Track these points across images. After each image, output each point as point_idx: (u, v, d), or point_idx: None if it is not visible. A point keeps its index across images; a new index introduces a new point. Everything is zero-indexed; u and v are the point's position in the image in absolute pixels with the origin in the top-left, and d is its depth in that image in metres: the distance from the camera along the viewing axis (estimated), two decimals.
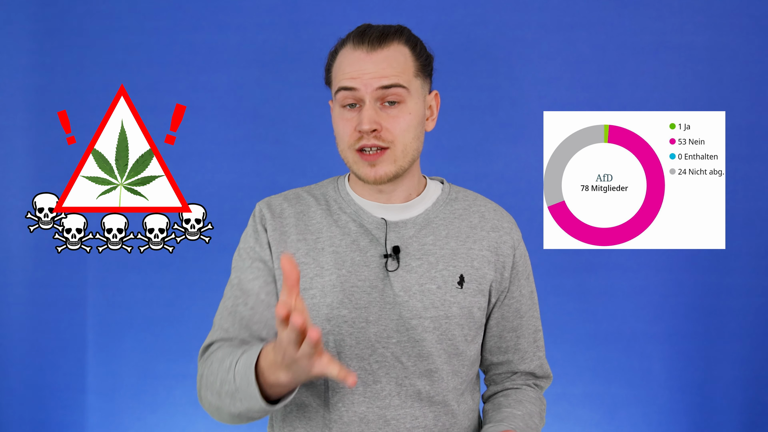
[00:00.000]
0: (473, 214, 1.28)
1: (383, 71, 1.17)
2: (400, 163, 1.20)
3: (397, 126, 1.18)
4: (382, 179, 1.19)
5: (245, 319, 1.20)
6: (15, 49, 2.05)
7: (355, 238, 1.23)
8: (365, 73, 1.17)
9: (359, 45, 1.19)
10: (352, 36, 1.21)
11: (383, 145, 1.18)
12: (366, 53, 1.18)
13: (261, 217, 1.26)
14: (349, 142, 1.19)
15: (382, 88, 1.17)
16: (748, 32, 2.00)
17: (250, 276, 1.23)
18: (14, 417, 2.07)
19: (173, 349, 2.06)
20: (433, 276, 1.21)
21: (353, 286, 1.20)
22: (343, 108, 1.20)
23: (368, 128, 1.16)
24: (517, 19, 2.03)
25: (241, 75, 2.05)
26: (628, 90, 2.02)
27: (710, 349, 2.03)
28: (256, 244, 1.25)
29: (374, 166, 1.19)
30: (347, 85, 1.18)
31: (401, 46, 1.20)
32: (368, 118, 1.16)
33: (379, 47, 1.18)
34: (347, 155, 1.21)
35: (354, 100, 1.18)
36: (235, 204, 2.02)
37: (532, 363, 1.31)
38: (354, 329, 1.19)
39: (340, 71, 1.20)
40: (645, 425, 2.04)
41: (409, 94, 1.20)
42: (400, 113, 1.19)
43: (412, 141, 1.20)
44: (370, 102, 1.17)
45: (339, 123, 1.21)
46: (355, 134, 1.18)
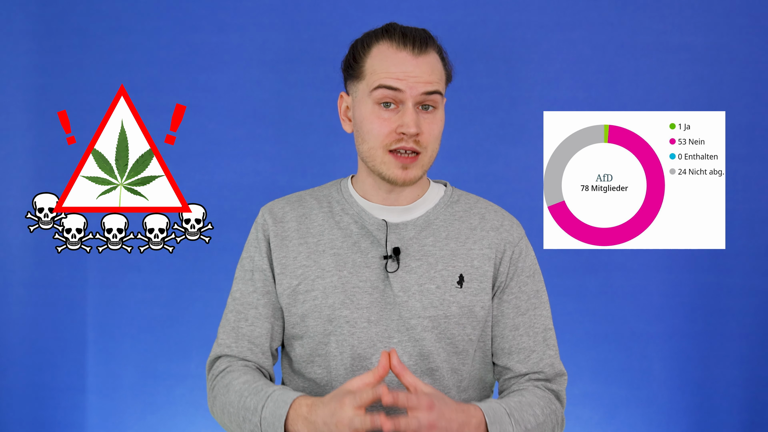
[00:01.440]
0: (473, 216, 1.29)
1: (429, 77, 1.19)
2: (425, 168, 1.23)
3: (432, 132, 1.20)
4: (411, 182, 1.21)
5: (247, 335, 1.25)
6: (15, 49, 2.05)
7: (357, 239, 1.24)
8: (411, 76, 1.18)
9: (403, 46, 1.19)
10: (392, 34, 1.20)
11: (418, 150, 1.19)
12: (412, 56, 1.19)
13: (263, 224, 1.28)
14: (385, 142, 1.19)
15: (425, 93, 1.18)
16: (748, 32, 2.00)
17: (249, 289, 1.27)
18: (14, 417, 2.07)
19: (173, 349, 2.06)
20: (432, 276, 1.22)
21: (354, 287, 1.21)
22: (378, 105, 1.19)
23: (415, 131, 1.17)
24: (517, 19, 2.03)
25: (241, 75, 2.05)
26: (628, 90, 2.02)
27: (710, 349, 2.03)
28: (256, 252, 1.27)
29: (407, 169, 1.19)
30: (392, 85, 1.17)
31: (436, 55, 1.23)
32: (414, 121, 1.17)
33: (425, 52, 1.20)
34: (376, 153, 1.20)
35: (393, 100, 1.18)
36: (235, 204, 2.02)
37: (540, 362, 1.27)
38: (356, 329, 1.20)
39: (382, 69, 1.19)
40: (645, 425, 2.04)
41: (442, 102, 1.23)
42: (435, 119, 1.21)
43: (437, 148, 1.23)
44: (412, 106, 1.18)
45: (374, 121, 1.19)
46: (393, 135, 1.18)
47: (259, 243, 1.27)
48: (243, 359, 1.25)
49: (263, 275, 1.26)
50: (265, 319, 1.25)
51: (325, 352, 1.22)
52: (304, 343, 1.24)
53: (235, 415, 1.17)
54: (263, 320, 1.25)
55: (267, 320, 1.26)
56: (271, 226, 1.27)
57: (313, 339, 1.23)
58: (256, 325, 1.25)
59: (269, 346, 1.27)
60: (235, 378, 1.20)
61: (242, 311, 1.26)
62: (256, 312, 1.26)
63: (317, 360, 1.23)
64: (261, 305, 1.26)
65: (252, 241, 1.29)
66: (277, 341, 1.28)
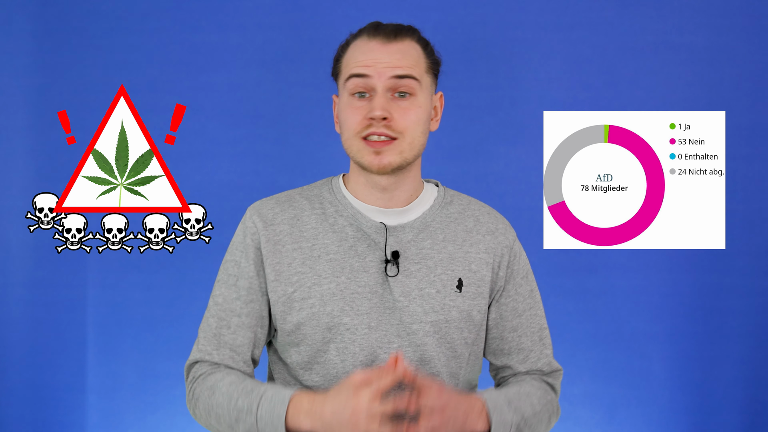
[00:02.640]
0: (468, 218, 1.28)
1: (398, 61, 1.18)
2: (405, 155, 1.19)
3: (408, 118, 1.18)
4: (386, 169, 1.18)
5: (228, 344, 1.22)
6: (15, 49, 2.05)
7: (353, 243, 1.22)
8: (379, 62, 1.18)
9: (374, 36, 1.20)
10: (366, 29, 1.22)
11: (392, 135, 1.17)
12: (381, 44, 1.19)
13: (252, 229, 1.25)
14: (357, 130, 1.18)
15: (395, 77, 1.17)
16: (748, 32, 2.00)
17: (233, 295, 1.24)
18: (14, 417, 2.07)
19: (173, 349, 2.06)
20: (432, 280, 1.21)
21: (353, 293, 1.20)
22: (352, 96, 1.19)
23: (380, 114, 1.15)
24: (517, 19, 2.03)
25: (241, 75, 2.05)
26: (628, 90, 2.02)
27: (710, 349, 2.03)
28: (243, 258, 1.24)
29: (379, 154, 1.18)
30: (360, 72, 1.18)
31: (414, 43, 1.22)
32: (380, 105, 1.16)
33: (395, 39, 1.19)
34: (352, 143, 1.20)
35: (365, 88, 1.18)
36: (235, 204, 2.01)
37: (539, 362, 1.29)
38: (356, 336, 1.19)
39: (353, 59, 1.20)
40: (645, 425, 2.04)
41: (421, 88, 1.20)
42: (411, 105, 1.19)
43: (420, 135, 1.20)
44: (382, 91, 1.17)
45: (347, 111, 1.20)
46: (364, 122, 1.17)
47: (246, 249, 1.24)
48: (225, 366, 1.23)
49: (248, 282, 1.23)
50: (248, 329, 1.22)
51: (324, 359, 1.20)
52: (301, 351, 1.21)
53: (226, 416, 1.15)
54: (246, 329, 1.22)
55: (250, 329, 1.23)
56: (262, 231, 1.23)
57: (311, 347, 1.20)
58: (238, 333, 1.22)
59: (251, 355, 1.24)
60: (220, 380, 1.18)
61: (224, 318, 1.23)
62: (239, 320, 1.22)
63: (315, 368, 1.21)
64: (244, 314, 1.22)
65: (238, 244, 1.26)
66: (259, 348, 1.26)
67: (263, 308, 1.24)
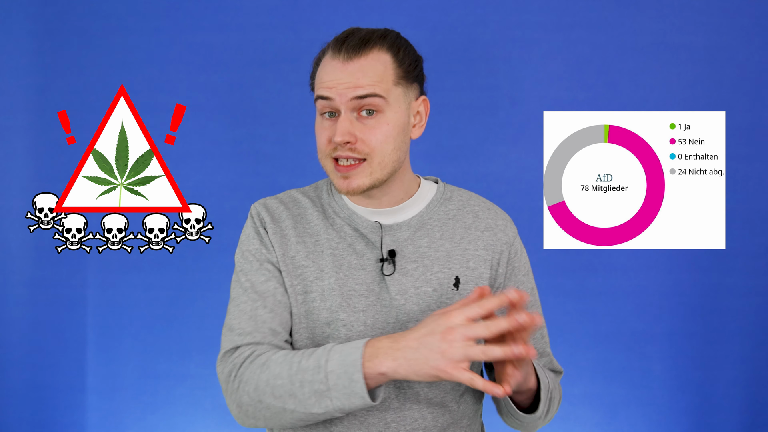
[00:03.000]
0: (467, 215, 1.28)
1: (358, 81, 1.15)
2: (376, 176, 1.17)
3: (374, 137, 1.16)
4: (355, 191, 1.17)
5: (267, 322, 1.17)
6: (15, 49, 2.05)
7: (351, 242, 1.23)
8: (340, 83, 1.15)
9: (336, 54, 1.17)
10: (331, 44, 1.19)
11: (359, 157, 1.16)
12: (342, 63, 1.16)
13: (260, 220, 1.25)
14: (326, 151, 1.18)
15: (357, 98, 1.15)
16: (748, 32, 2.00)
17: (261, 278, 1.21)
18: (14, 417, 2.07)
19: (173, 349, 2.06)
20: (429, 278, 1.21)
21: (351, 290, 1.20)
22: (322, 116, 1.19)
23: (341, 140, 1.14)
24: (517, 19, 2.03)
25: (241, 75, 2.05)
26: (628, 90, 2.02)
27: (710, 349, 2.03)
28: (262, 246, 1.23)
29: (347, 178, 1.17)
30: (323, 95, 1.17)
31: (382, 54, 1.17)
32: (341, 130, 1.14)
33: (356, 56, 1.16)
34: (325, 164, 1.20)
35: (331, 109, 1.17)
36: (235, 204, 2.02)
37: (540, 360, 1.29)
38: (352, 333, 1.19)
39: (319, 80, 1.19)
40: (645, 425, 2.04)
41: (388, 104, 1.17)
42: (378, 124, 1.16)
43: (391, 152, 1.18)
44: (345, 113, 1.15)
45: (317, 130, 1.20)
46: (331, 144, 1.17)
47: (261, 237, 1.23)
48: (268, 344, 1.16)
49: (274, 267, 1.21)
50: (284, 309, 1.18)
51: None
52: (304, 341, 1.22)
53: (287, 385, 1.07)
54: (282, 308, 1.18)
55: (286, 309, 1.18)
56: (269, 223, 1.24)
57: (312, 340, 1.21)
58: (276, 312, 1.17)
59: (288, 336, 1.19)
60: (272, 354, 1.12)
61: (258, 299, 1.18)
62: (274, 300, 1.18)
63: None
64: (279, 293, 1.18)
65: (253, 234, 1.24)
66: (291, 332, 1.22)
67: None
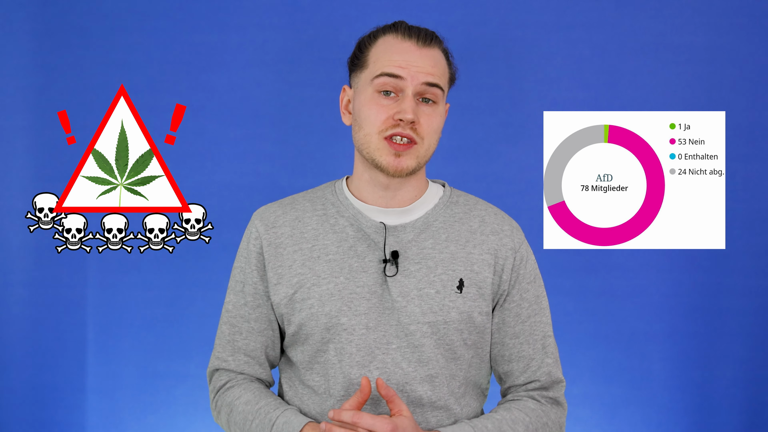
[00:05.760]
0: (473, 218, 1.27)
1: (431, 68, 1.20)
2: (420, 161, 1.21)
3: (431, 124, 1.20)
4: (403, 172, 1.20)
5: (242, 349, 1.27)
6: (15, 49, 2.05)
7: (353, 243, 1.22)
8: (413, 65, 1.19)
9: (408, 38, 1.21)
10: (398, 27, 1.22)
11: (414, 138, 1.19)
12: (417, 47, 1.20)
13: (255, 234, 1.27)
14: (381, 128, 1.18)
15: (426, 84, 1.19)
16: (748, 32, 2.00)
17: (240, 301, 1.27)
18: (14, 417, 2.07)
19: (173, 349, 2.06)
20: (432, 280, 1.21)
21: (352, 293, 1.20)
22: (378, 93, 1.19)
23: (411, 118, 1.17)
24: (517, 19, 2.03)
25: (241, 75, 2.05)
26: (628, 90, 2.02)
27: (710, 349, 2.03)
28: (246, 264, 1.27)
29: (399, 156, 1.19)
30: (394, 72, 1.18)
31: (441, 53, 1.24)
32: (413, 109, 1.17)
33: (429, 45, 1.21)
34: (371, 140, 1.19)
35: (393, 88, 1.19)
36: (235, 204, 2.02)
37: (538, 371, 1.26)
38: (354, 336, 1.19)
39: (386, 57, 1.20)
40: (645, 425, 2.04)
41: (442, 98, 1.23)
42: (434, 113, 1.21)
43: (434, 144, 1.23)
44: (411, 94, 1.18)
45: (372, 107, 1.19)
46: (390, 121, 1.18)
47: (249, 255, 1.26)
48: (241, 373, 1.28)
49: (253, 288, 1.26)
50: (259, 333, 1.27)
51: (323, 359, 1.21)
52: (305, 350, 1.23)
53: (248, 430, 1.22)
54: (256, 334, 1.27)
55: (260, 334, 1.27)
56: (264, 235, 1.25)
57: (312, 347, 1.21)
58: (250, 339, 1.27)
59: (265, 357, 1.29)
60: (237, 398, 1.24)
61: (236, 324, 1.28)
62: (248, 326, 1.27)
63: (316, 367, 1.22)
64: (253, 319, 1.26)
65: (242, 251, 1.28)
66: (274, 348, 1.29)
67: (270, 312, 1.26)
